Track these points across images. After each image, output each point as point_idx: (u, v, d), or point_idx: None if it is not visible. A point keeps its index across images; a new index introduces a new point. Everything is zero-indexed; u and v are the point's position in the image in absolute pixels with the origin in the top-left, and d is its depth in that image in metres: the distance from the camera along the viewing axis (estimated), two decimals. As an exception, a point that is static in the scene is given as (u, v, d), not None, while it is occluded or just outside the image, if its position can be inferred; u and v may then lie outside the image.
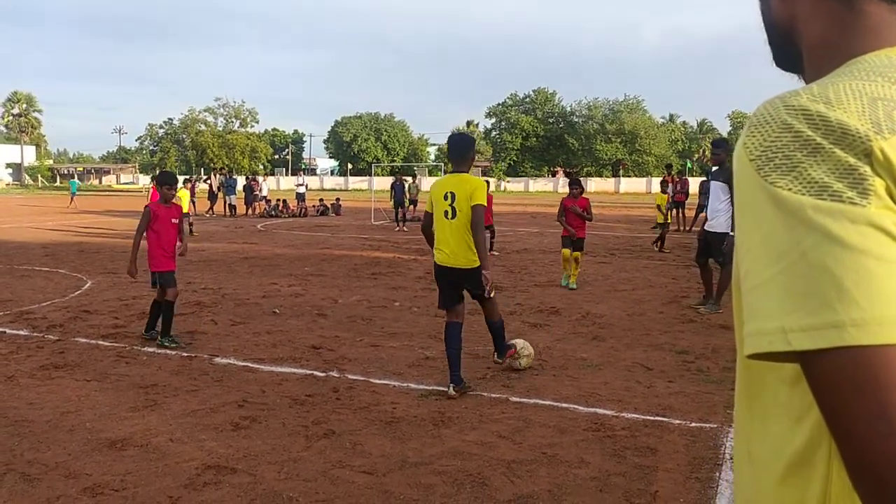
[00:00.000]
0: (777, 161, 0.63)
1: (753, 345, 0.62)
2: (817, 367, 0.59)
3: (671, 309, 8.36)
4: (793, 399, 0.67)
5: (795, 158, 0.62)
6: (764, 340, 0.61)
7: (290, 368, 5.70)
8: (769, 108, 0.66)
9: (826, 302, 0.57)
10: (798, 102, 0.64)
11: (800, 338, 0.58)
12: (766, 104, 0.67)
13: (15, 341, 6.51)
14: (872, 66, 0.66)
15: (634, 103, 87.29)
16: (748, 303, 0.64)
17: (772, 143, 0.64)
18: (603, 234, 18.79)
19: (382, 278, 10.75)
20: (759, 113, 0.67)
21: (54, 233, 18.26)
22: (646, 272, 11.55)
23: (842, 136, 0.60)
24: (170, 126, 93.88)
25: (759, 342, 0.61)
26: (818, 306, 0.58)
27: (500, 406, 4.83)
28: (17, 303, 8.36)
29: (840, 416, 0.58)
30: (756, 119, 0.66)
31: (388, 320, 7.64)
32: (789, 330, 0.59)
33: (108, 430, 4.29)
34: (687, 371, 5.70)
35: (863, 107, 0.62)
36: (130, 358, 6.00)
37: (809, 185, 0.60)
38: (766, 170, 0.63)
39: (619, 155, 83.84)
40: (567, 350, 6.36)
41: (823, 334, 0.57)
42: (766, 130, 0.65)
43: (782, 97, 0.66)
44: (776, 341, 0.60)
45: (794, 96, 0.65)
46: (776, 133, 0.64)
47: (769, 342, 0.61)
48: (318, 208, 28.05)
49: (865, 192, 0.59)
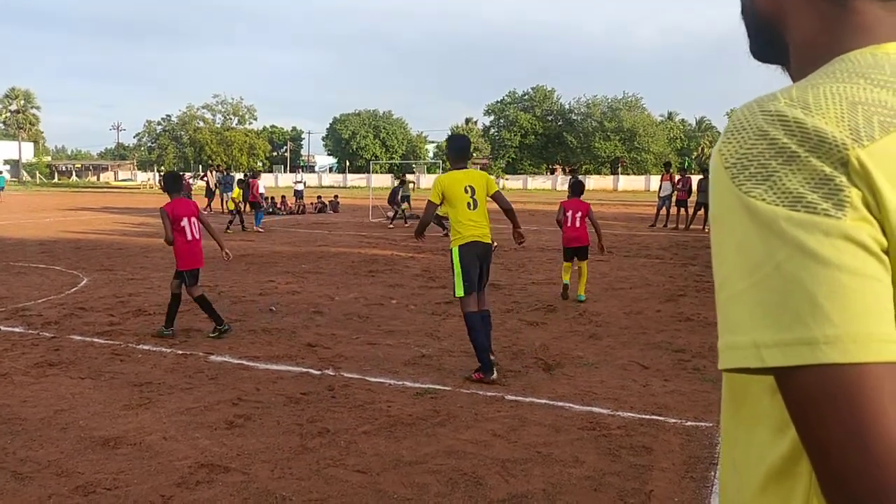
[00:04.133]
0: (752, 169, 0.61)
1: (727, 359, 0.61)
2: (790, 382, 0.58)
3: (668, 307, 8.35)
4: (774, 409, 0.65)
5: (770, 167, 0.60)
6: (737, 355, 0.60)
7: (286, 366, 5.68)
8: (746, 112, 0.64)
9: (799, 317, 0.56)
10: (775, 107, 0.62)
11: (772, 354, 0.57)
12: (743, 108, 0.64)
13: (9, 338, 6.48)
14: (855, 65, 0.64)
15: (633, 101, 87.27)
16: (722, 314, 0.63)
17: (747, 150, 0.62)
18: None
19: (380, 276, 10.73)
20: (736, 118, 0.65)
21: (51, 229, 18.22)
22: (643, 271, 11.54)
23: (818, 143, 0.58)
24: (168, 123, 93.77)
25: (733, 356, 0.60)
26: (791, 321, 0.56)
27: (495, 405, 4.81)
28: (13, 300, 8.33)
29: (813, 432, 0.57)
30: (733, 124, 0.64)
31: (385, 318, 7.62)
32: (762, 345, 0.58)
33: (101, 428, 4.27)
34: (683, 370, 5.69)
35: (842, 112, 0.59)
36: (125, 355, 5.98)
37: (784, 195, 0.58)
38: (741, 178, 0.61)
39: (618, 153, 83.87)
40: (564, 348, 6.35)
41: (796, 351, 0.56)
42: (742, 137, 0.63)
43: (760, 101, 0.63)
44: (749, 356, 0.59)
45: (771, 100, 0.63)
46: (752, 140, 0.62)
47: (742, 357, 0.59)
48: (317, 206, 28.01)
49: (841, 203, 0.57)
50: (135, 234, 17.31)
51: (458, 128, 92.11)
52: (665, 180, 20.80)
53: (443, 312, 7.91)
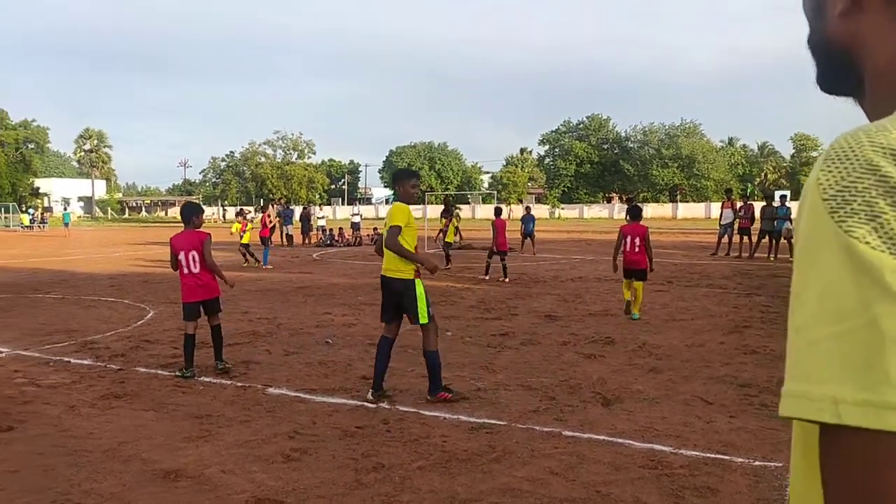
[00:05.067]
0: (855, 206, 0.55)
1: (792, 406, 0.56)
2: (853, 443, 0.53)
3: (733, 339, 8.06)
4: None
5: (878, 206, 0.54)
6: (808, 405, 0.55)
7: (342, 399, 5.70)
8: (851, 141, 0.58)
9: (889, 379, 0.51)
10: (887, 141, 0.56)
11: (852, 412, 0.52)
12: (846, 137, 0.59)
13: (78, 371, 6.71)
14: None
15: (691, 127, 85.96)
16: (795, 358, 0.58)
17: (851, 183, 0.56)
18: (660, 262, 18.37)
19: (435, 307, 10.69)
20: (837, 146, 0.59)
21: (121, 263, 18.94)
22: (705, 301, 11.21)
23: None
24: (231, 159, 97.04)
25: (801, 405, 0.55)
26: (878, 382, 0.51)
27: (552, 440, 4.70)
28: (83, 332, 8.65)
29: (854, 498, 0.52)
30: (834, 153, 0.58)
31: (440, 350, 7.56)
32: (841, 401, 0.53)
33: (162, 460, 4.35)
34: (750, 406, 5.45)
35: None
36: (187, 387, 6.11)
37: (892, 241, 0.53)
38: (842, 214, 0.55)
39: (677, 180, 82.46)
40: (622, 382, 6.18)
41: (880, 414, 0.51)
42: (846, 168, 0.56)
43: (867, 131, 0.58)
44: (825, 410, 0.54)
45: (881, 132, 0.57)
46: (858, 173, 0.56)
47: (817, 409, 0.54)
48: (373, 237, 28.35)
49: None
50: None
51: (512, 158, 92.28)
52: (726, 208, 20.28)
53: (498, 345, 7.83)
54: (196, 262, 6.49)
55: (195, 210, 6.84)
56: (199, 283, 6.52)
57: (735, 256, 19.52)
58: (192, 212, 6.79)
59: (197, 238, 6.55)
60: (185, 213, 6.80)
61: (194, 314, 6.54)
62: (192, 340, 6.48)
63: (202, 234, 6.61)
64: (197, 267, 6.50)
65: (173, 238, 6.63)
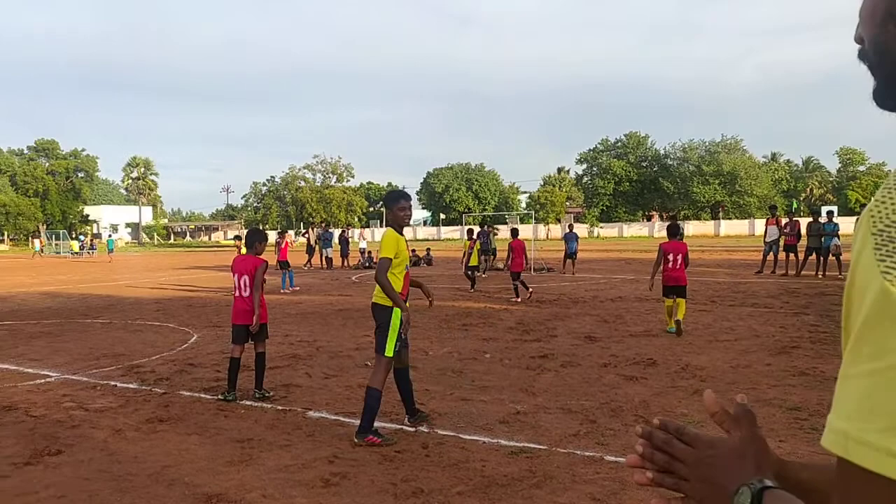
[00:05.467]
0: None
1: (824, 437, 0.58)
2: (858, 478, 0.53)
3: (780, 360, 7.83)
4: None
5: None
6: (829, 437, 0.56)
7: (380, 423, 5.68)
8: None
9: None
10: None
11: (859, 451, 0.52)
12: None
13: (124, 394, 6.85)
14: None
15: (732, 143, 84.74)
16: (836, 389, 0.58)
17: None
18: (703, 280, 18.04)
19: (473, 329, 10.69)
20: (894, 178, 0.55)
21: (166, 288, 19.37)
22: (750, 321, 10.94)
23: None
24: (272, 183, 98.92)
25: (826, 436, 0.57)
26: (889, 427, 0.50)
27: (593, 466, 4.61)
28: (129, 357, 8.84)
29: None
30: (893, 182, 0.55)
31: (479, 373, 7.55)
32: (851, 438, 0.53)
33: (205, 484, 4.39)
34: (800, 429, 5.28)
35: None
36: (229, 411, 6.18)
37: None
38: (884, 251, 0.52)
39: (718, 197, 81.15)
40: (666, 405, 6.05)
41: (881, 460, 0.50)
42: None
43: None
44: (838, 443, 0.55)
45: None
46: None
47: (831, 441, 0.56)
48: (411, 259, 28.49)
49: None
50: (240, 291, 18.10)
51: (550, 177, 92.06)
52: (771, 224, 19.87)
53: (537, 367, 7.75)
54: (248, 286, 6.64)
55: (258, 237, 7.03)
56: (247, 308, 6.63)
57: (781, 274, 19.06)
58: (255, 238, 7.01)
59: (252, 264, 6.70)
60: (249, 238, 7.04)
61: (241, 337, 6.65)
62: (236, 364, 6.55)
63: (258, 260, 6.74)
64: (248, 291, 6.65)
65: (235, 259, 6.87)
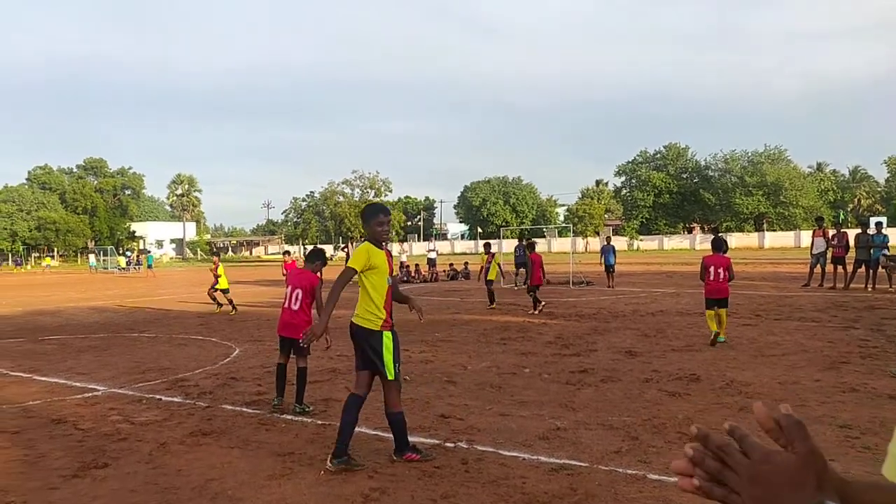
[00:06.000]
0: None
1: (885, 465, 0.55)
2: None
3: (829, 376, 7.61)
4: None
5: None
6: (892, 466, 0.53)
7: (419, 438, 5.68)
8: None
9: None
10: None
11: None
12: None
13: (169, 408, 6.98)
14: None
15: (776, 153, 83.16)
16: None
17: None
18: (747, 294, 17.65)
19: (512, 343, 10.63)
20: None
21: (209, 303, 19.71)
22: (797, 335, 10.65)
23: None
24: (311, 199, 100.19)
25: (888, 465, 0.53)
26: None
27: (636, 484, 4.53)
28: (174, 370, 9.01)
29: None
30: None
31: (518, 388, 7.49)
32: None
33: (247, 498, 4.44)
34: (851, 448, 5.11)
35: None
36: (270, 425, 6.25)
37: None
38: None
39: (762, 208, 79.58)
40: (710, 422, 5.91)
41: None
42: None
43: None
44: None
45: None
46: None
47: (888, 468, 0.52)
48: (449, 273, 28.53)
49: None
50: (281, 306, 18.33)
51: (588, 190, 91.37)
52: (818, 236, 19.38)
53: (577, 382, 7.66)
54: (298, 300, 6.78)
55: (318, 257, 7.16)
56: (290, 322, 6.78)
57: (829, 287, 18.55)
58: (315, 257, 7.15)
59: (308, 280, 6.82)
60: (310, 256, 7.18)
61: (284, 348, 6.87)
62: (282, 370, 6.81)
63: (315, 278, 6.88)
64: (297, 305, 6.78)
65: (291, 271, 7.03)
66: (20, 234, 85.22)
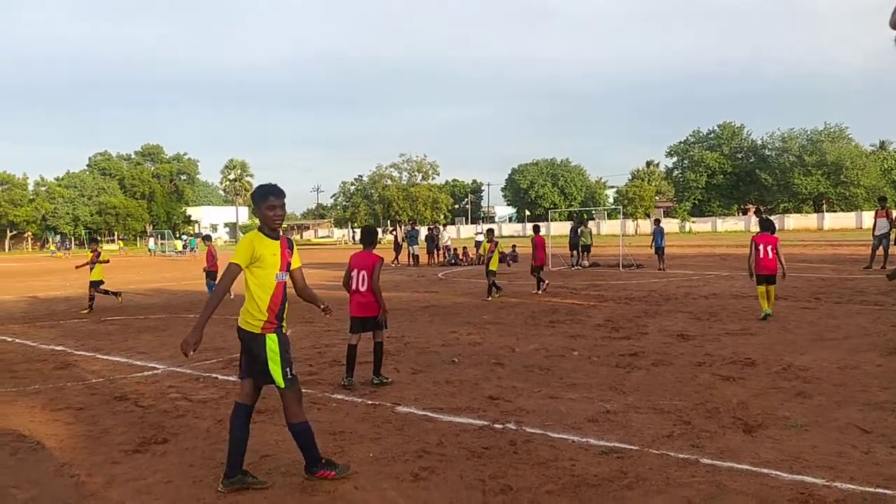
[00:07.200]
0: None
1: None
2: None
3: (892, 361, 7.33)
4: None
5: None
6: None
7: (468, 419, 5.71)
8: None
9: None
10: None
11: None
12: None
13: (225, 386, 7.18)
14: None
15: (837, 132, 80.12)
16: None
17: None
18: (806, 276, 17.13)
19: (560, 326, 10.56)
20: None
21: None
22: (859, 318, 10.30)
23: None
24: (360, 182, 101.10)
25: None
26: None
27: (688, 468, 4.46)
28: (229, 350, 9.25)
29: None
30: None
31: (567, 370, 7.45)
32: None
33: (300, 474, 4.53)
34: (916, 436, 4.92)
35: None
36: (321, 404, 6.36)
37: None
38: None
39: (822, 188, 76.88)
40: (766, 407, 5.78)
41: None
42: None
43: None
44: None
45: None
46: None
47: None
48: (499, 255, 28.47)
49: None
50: (332, 288, 18.60)
51: (638, 171, 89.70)
52: (880, 217, 18.66)
53: (627, 365, 7.57)
54: (364, 281, 6.93)
55: (371, 235, 7.31)
56: (363, 301, 6.95)
57: (893, 269, 17.83)
58: (366, 234, 7.34)
59: (370, 260, 6.99)
60: (364, 236, 7.31)
61: (357, 328, 7.05)
62: (352, 351, 7.04)
63: (376, 257, 7.02)
64: (364, 286, 6.93)
65: (352, 256, 7.13)
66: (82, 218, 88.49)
